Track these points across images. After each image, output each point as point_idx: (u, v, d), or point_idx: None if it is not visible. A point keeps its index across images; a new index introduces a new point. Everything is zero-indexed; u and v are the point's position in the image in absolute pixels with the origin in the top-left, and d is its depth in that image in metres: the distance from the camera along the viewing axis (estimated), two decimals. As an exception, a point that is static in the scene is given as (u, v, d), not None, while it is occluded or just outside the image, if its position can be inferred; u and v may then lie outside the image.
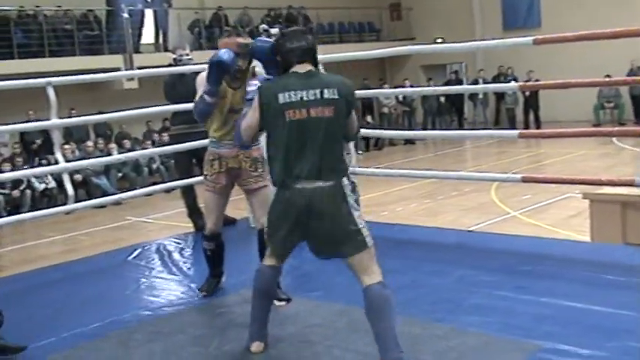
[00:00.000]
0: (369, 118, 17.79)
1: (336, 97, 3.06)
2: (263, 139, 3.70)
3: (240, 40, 3.88)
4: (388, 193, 10.70)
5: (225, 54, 3.71)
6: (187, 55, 6.20)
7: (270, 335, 3.52)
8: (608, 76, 12.85)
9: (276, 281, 3.46)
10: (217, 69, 3.74)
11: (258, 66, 4.03)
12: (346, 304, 3.91)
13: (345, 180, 3.15)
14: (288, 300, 4.07)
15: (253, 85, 3.61)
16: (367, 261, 3.14)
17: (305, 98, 3.02)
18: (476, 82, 18.28)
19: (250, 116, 3.18)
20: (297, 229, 3.14)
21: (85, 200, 7.42)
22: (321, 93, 3.04)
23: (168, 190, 7.98)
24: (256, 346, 3.38)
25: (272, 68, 3.33)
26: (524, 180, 5.23)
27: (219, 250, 4.38)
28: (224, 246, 4.40)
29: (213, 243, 4.35)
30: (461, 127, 19.47)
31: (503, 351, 3.18)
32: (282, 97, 3.02)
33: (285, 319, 3.77)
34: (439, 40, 19.31)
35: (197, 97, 3.92)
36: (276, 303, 3.99)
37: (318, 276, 4.56)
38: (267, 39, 3.56)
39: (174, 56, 6.25)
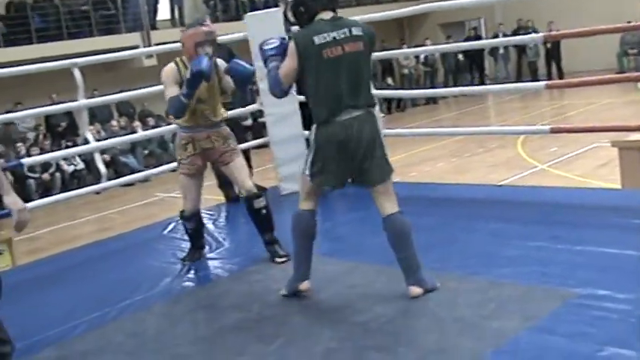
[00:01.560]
0: (389, 80, 17.72)
1: (362, 34, 3.36)
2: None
3: (205, 29, 4.11)
4: (414, 154, 10.70)
5: (204, 64, 3.93)
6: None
7: (311, 298, 3.60)
8: (629, 22, 12.65)
9: (315, 223, 3.61)
10: (199, 78, 3.98)
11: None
12: (383, 264, 3.96)
13: (375, 110, 3.46)
14: (287, 256, 4.26)
15: (274, 41, 3.58)
16: (390, 190, 3.48)
17: (337, 37, 3.31)
18: (496, 37, 18.08)
19: (288, 64, 3.38)
20: (344, 159, 3.38)
21: (113, 179, 7.52)
22: (350, 31, 3.34)
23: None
24: (305, 285, 3.61)
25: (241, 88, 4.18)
26: (553, 131, 5.20)
27: (199, 226, 4.63)
28: (203, 222, 4.69)
29: (194, 222, 4.56)
30: (482, 83, 19.30)
31: (540, 299, 3.21)
32: (318, 39, 3.29)
33: (326, 281, 3.82)
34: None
35: (171, 95, 4.12)
36: (277, 260, 4.29)
37: (351, 238, 4.61)
38: (247, 65, 4.20)
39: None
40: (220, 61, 4.36)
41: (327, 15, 3.38)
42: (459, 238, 4.26)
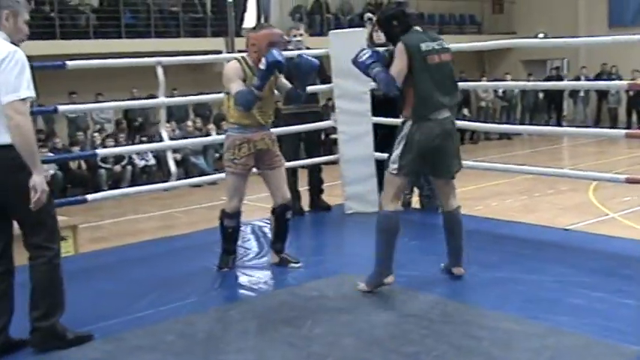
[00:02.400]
0: (465, 111, 17.54)
1: (448, 47, 3.97)
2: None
3: (278, 31, 4.33)
4: (483, 188, 10.54)
5: (279, 55, 4.03)
6: (300, 36, 6.26)
7: (364, 321, 3.58)
8: None
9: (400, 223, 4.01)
10: (273, 69, 4.08)
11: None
12: (440, 297, 3.91)
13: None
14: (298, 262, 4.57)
15: (367, 51, 3.99)
16: (455, 185, 4.09)
17: (436, 47, 3.88)
18: (577, 79, 17.75)
19: (399, 64, 3.83)
20: (430, 154, 3.90)
21: (183, 179, 7.64)
22: (440, 43, 3.92)
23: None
24: (390, 279, 4.01)
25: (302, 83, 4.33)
26: (628, 180, 5.04)
27: (238, 228, 4.66)
28: (240, 225, 4.69)
29: (235, 221, 4.57)
30: (559, 124, 18.93)
31: (601, 354, 3.11)
32: (424, 46, 3.83)
33: (379, 307, 3.80)
34: (541, 35, 18.81)
35: (241, 89, 4.17)
36: (294, 265, 4.55)
37: (412, 265, 4.56)
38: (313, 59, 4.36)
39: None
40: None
41: (419, 29, 3.91)
42: (520, 278, 4.16)
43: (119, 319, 3.78)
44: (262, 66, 4.06)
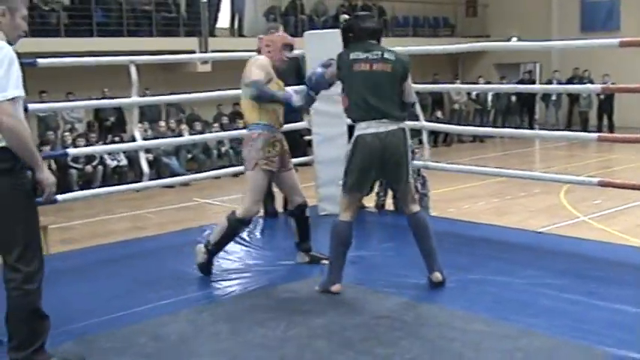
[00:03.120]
0: (439, 113, 17.62)
1: (393, 58, 3.92)
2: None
3: (289, 37, 4.53)
4: (455, 190, 10.60)
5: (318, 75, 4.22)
6: None
7: (336, 323, 3.57)
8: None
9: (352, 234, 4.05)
10: (322, 87, 4.28)
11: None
12: (412, 299, 3.91)
13: (404, 125, 4.02)
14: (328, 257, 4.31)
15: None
16: (413, 191, 4.09)
17: (369, 57, 3.89)
18: (549, 83, 17.92)
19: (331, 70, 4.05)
20: (374, 168, 3.93)
21: (154, 179, 7.57)
22: (382, 54, 3.92)
23: (236, 174, 8.07)
24: (337, 288, 4.01)
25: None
26: (601, 184, 5.10)
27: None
28: None
29: (245, 227, 4.62)
30: (531, 127, 19.10)
31: (572, 355, 3.13)
32: (354, 55, 3.92)
33: (352, 309, 3.79)
34: (514, 39, 18.98)
35: (273, 90, 4.29)
36: (324, 262, 4.43)
37: (385, 268, 4.57)
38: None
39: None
40: None
41: (371, 41, 3.97)
42: (492, 280, 4.19)
43: (90, 322, 3.73)
44: (316, 72, 4.23)
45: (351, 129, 4.14)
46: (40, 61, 5.02)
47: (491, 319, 3.55)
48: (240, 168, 6.67)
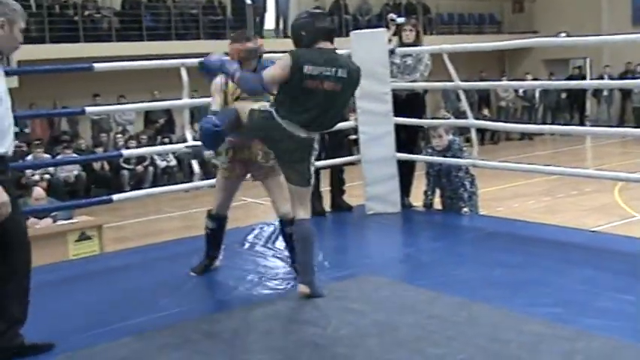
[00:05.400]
0: (485, 111, 17.46)
1: (345, 76, 3.76)
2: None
3: (250, 45, 4.17)
4: (504, 189, 10.49)
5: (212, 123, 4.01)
6: None
7: (388, 323, 3.55)
8: None
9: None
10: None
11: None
12: (465, 297, 3.87)
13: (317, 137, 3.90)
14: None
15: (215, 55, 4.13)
16: (307, 198, 3.91)
17: (323, 73, 3.70)
18: (601, 79, 17.59)
19: (278, 72, 3.74)
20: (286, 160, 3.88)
21: (203, 180, 7.62)
22: (336, 72, 3.72)
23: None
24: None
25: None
26: (658, 182, 4.98)
27: (220, 232, 4.56)
28: (225, 230, 4.58)
29: (217, 223, 4.51)
30: (582, 124, 18.79)
31: (632, 357, 3.06)
32: (307, 69, 3.68)
33: (403, 308, 3.77)
34: (563, 34, 18.67)
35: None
36: None
37: (435, 267, 4.53)
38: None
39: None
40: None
41: (325, 45, 3.77)
42: (547, 280, 4.11)
43: (145, 317, 3.80)
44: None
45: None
46: (97, 65, 5.11)
47: (548, 321, 3.48)
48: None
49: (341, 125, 6.17)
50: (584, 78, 19.11)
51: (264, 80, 3.79)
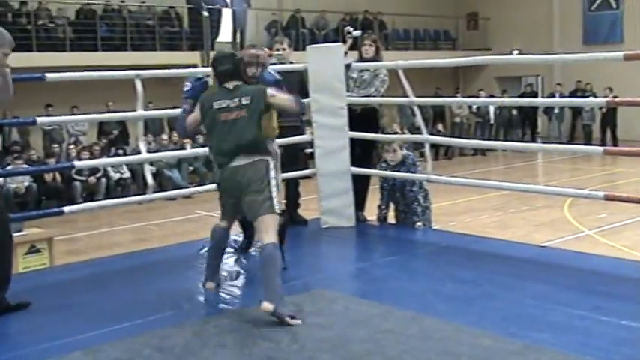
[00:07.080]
0: (440, 127, 17.66)
1: (248, 102, 4.10)
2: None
3: (253, 51, 4.44)
4: (457, 204, 10.61)
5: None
6: (282, 50, 6.18)
7: (341, 337, 3.56)
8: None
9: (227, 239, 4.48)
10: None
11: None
12: (417, 311, 3.89)
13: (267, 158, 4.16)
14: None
15: (187, 84, 4.45)
16: (270, 224, 4.01)
17: (231, 105, 4.11)
18: (552, 96, 17.95)
19: (194, 116, 4.29)
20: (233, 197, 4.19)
21: (157, 192, 7.57)
22: (240, 100, 4.11)
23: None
24: (209, 285, 4.32)
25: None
26: (607, 198, 5.06)
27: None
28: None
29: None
30: (533, 141, 19.14)
31: (580, 371, 3.11)
32: (217, 104, 4.13)
33: (356, 322, 3.77)
34: (516, 52, 19.03)
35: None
36: None
37: (388, 281, 4.55)
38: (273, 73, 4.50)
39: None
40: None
41: (230, 84, 4.16)
42: (498, 295, 4.17)
43: (95, 332, 3.73)
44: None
45: None
46: (49, 75, 5.04)
47: (499, 335, 3.53)
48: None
49: (296, 139, 6.20)
50: (535, 95, 19.51)
51: (186, 126, 4.40)
